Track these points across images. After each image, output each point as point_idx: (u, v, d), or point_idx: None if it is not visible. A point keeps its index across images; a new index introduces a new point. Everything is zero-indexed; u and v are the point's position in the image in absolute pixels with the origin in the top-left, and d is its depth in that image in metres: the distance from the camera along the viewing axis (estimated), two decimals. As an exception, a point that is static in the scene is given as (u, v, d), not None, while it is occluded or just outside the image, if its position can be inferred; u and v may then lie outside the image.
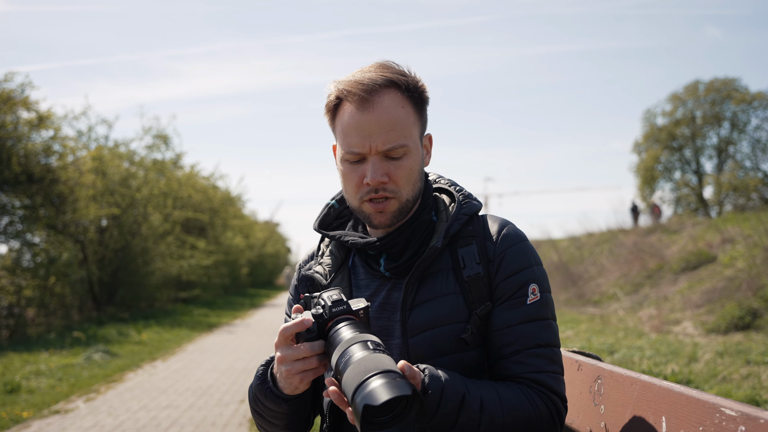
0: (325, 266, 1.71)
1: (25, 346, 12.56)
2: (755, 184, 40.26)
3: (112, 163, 19.86)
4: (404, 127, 1.57)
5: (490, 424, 1.46)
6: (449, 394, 1.41)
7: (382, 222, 1.60)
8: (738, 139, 43.26)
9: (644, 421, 1.48)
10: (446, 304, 1.57)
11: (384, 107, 1.55)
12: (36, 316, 16.11)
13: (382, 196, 1.57)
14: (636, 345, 10.15)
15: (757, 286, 12.25)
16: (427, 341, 1.56)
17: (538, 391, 1.54)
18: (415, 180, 1.61)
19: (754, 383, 6.96)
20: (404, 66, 1.63)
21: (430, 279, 1.60)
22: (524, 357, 1.55)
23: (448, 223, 1.62)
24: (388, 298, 1.62)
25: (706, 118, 43.21)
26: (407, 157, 1.58)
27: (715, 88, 42.71)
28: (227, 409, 7.17)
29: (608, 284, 19.68)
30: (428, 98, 1.66)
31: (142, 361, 11.27)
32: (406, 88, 1.58)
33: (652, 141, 45.03)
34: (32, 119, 15.67)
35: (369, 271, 1.66)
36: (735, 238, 16.97)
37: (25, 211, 15.85)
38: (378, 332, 1.60)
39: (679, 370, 7.78)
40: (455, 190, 1.71)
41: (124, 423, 6.66)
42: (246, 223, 40.18)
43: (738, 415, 1.17)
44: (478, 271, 1.59)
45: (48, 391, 8.29)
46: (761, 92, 41.69)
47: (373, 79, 1.55)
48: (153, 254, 21.85)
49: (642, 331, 12.43)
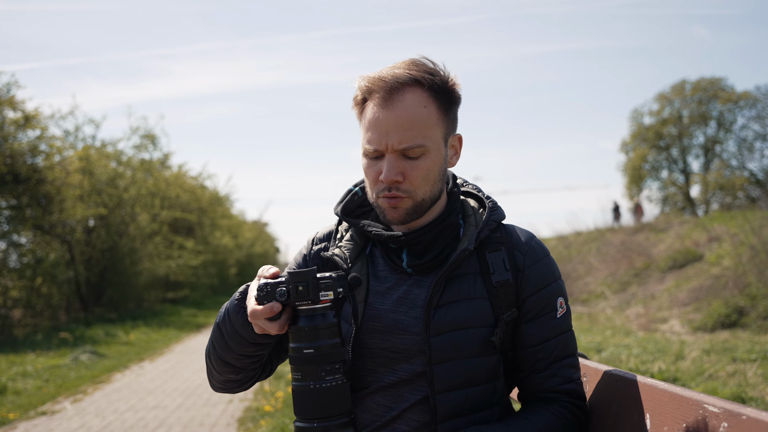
0: (344, 250, 1.70)
1: (11, 347, 12.48)
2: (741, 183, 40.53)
3: (99, 162, 19.75)
4: (424, 127, 1.56)
5: None
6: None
7: (395, 218, 1.60)
8: (724, 138, 43.52)
9: (629, 418, 1.49)
10: (473, 308, 1.59)
11: (405, 106, 1.55)
12: (23, 316, 16.01)
13: (395, 194, 1.58)
14: (623, 343, 10.19)
15: (744, 285, 12.33)
16: (450, 342, 1.57)
17: (567, 403, 1.63)
18: (434, 180, 1.60)
19: (740, 380, 7.00)
20: (439, 63, 1.62)
21: (457, 281, 1.61)
22: (557, 369, 1.63)
23: (479, 227, 1.63)
24: (408, 294, 1.62)
25: (693, 118, 43.46)
26: (425, 157, 1.57)
27: (702, 87, 42.95)
28: (215, 410, 7.15)
29: (596, 283, 19.76)
30: (459, 97, 1.64)
31: (129, 361, 11.22)
32: (432, 87, 1.57)
33: (640, 140, 45.24)
34: (18, 119, 15.57)
35: (388, 263, 1.66)
36: (721, 236, 17.08)
37: (11, 211, 15.75)
38: (392, 326, 1.60)
39: (666, 368, 7.82)
40: (484, 196, 1.73)
41: (112, 424, 6.63)
42: (234, 222, 40.05)
43: (721, 411, 1.18)
44: (507, 277, 1.61)
45: (35, 393, 8.24)
46: (747, 92, 41.95)
47: (396, 76, 1.55)
48: (141, 254, 21.76)
49: (629, 330, 12.49)
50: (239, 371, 1.66)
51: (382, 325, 1.61)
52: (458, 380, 1.57)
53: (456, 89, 1.62)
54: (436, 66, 1.61)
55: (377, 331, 1.61)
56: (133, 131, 22.42)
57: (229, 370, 1.65)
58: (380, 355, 1.61)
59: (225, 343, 1.60)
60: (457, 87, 1.63)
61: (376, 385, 1.61)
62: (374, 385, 1.62)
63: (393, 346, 1.60)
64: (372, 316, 1.62)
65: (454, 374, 1.56)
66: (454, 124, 1.66)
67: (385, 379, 1.61)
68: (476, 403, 1.59)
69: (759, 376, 7.14)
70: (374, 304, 1.63)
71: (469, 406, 1.58)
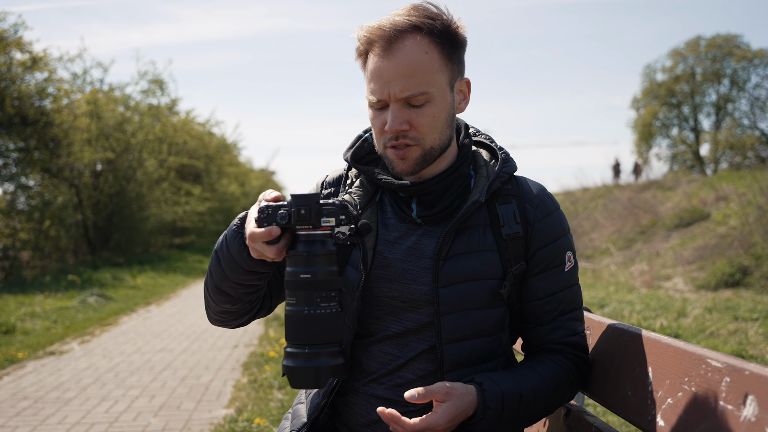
0: (354, 196, 1.67)
1: (20, 288, 12.62)
2: (752, 143, 40.20)
3: (107, 107, 19.68)
4: (426, 74, 1.52)
5: (542, 406, 1.59)
6: (509, 400, 1.51)
7: (404, 169, 1.58)
8: (737, 96, 42.98)
9: (631, 371, 1.50)
10: (482, 260, 1.58)
11: (405, 53, 1.51)
12: (31, 258, 16.15)
13: (403, 143, 1.55)
14: (626, 299, 10.24)
15: (749, 244, 12.32)
16: (458, 293, 1.57)
17: (571, 354, 1.65)
18: (442, 127, 1.57)
19: (741, 339, 7.05)
20: (442, 6, 1.57)
21: (466, 232, 1.60)
22: (562, 322, 1.65)
23: (490, 179, 1.61)
24: (417, 244, 1.61)
25: (706, 75, 42.86)
26: (430, 104, 1.54)
27: (717, 44, 42.26)
28: (220, 354, 7.25)
29: (601, 239, 19.77)
30: (464, 41, 1.60)
31: (136, 305, 11.35)
32: (432, 31, 1.53)
33: (651, 97, 44.72)
34: (26, 60, 15.45)
35: (398, 213, 1.65)
36: (729, 196, 17.00)
37: (19, 153, 15.75)
38: (400, 275, 1.60)
39: (667, 324, 7.86)
40: (497, 147, 1.69)
41: (119, 365, 6.74)
42: (241, 170, 39.98)
43: (723, 366, 1.18)
44: (518, 230, 1.60)
45: (43, 333, 8.36)
46: (762, 49, 41.24)
47: (395, 24, 1.52)
48: (148, 200, 21.82)
49: (633, 286, 12.54)
50: (235, 301, 1.63)
51: (391, 273, 1.61)
52: (465, 331, 1.57)
53: (460, 32, 1.58)
54: (439, 9, 1.56)
55: (386, 280, 1.61)
56: (141, 76, 22.28)
57: (224, 299, 1.63)
58: (388, 304, 1.61)
59: (221, 270, 1.56)
60: (462, 29, 1.58)
61: (382, 334, 1.62)
62: (381, 334, 1.62)
63: (401, 296, 1.60)
64: (381, 265, 1.62)
65: (461, 325, 1.57)
66: (460, 68, 1.61)
67: (392, 327, 1.61)
68: (482, 354, 1.60)
69: (760, 335, 7.18)
70: (384, 252, 1.62)
71: (475, 356, 1.59)
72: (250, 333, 8.52)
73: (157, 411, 5.11)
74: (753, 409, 1.08)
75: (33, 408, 5.21)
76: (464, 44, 1.61)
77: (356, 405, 1.64)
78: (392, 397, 1.60)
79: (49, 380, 6.12)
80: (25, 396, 5.56)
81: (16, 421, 4.88)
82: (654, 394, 1.38)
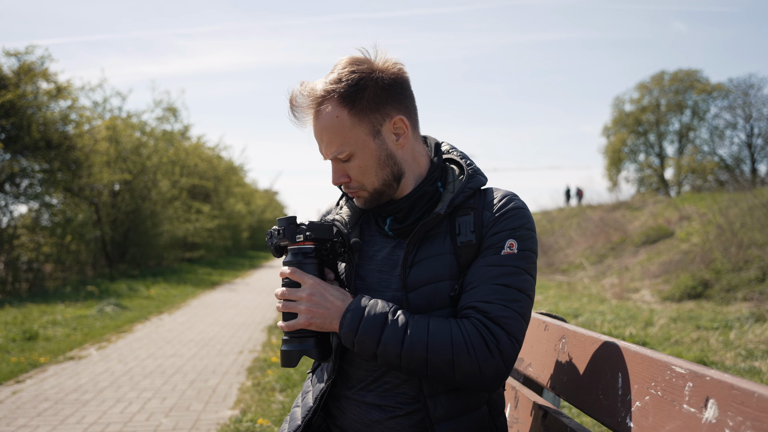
0: (344, 216, 1.74)
1: (42, 298, 12.52)
2: (712, 168, 40.50)
3: (124, 132, 19.64)
4: (340, 135, 1.55)
5: (415, 347, 1.46)
6: (372, 316, 1.49)
7: (363, 205, 1.66)
8: (698, 125, 43.38)
9: (603, 376, 1.49)
10: (442, 263, 1.58)
11: (321, 121, 1.57)
12: (53, 271, 16.05)
13: (349, 190, 1.63)
14: (598, 310, 10.24)
15: (709, 260, 12.36)
16: (423, 296, 1.57)
17: (477, 320, 1.48)
18: (375, 171, 1.59)
19: (703, 346, 7.05)
20: (372, 52, 1.58)
21: (429, 240, 1.60)
22: (479, 289, 1.51)
23: (454, 194, 1.61)
24: (391, 255, 1.65)
25: (670, 106, 43.26)
26: (354, 157, 1.58)
27: (679, 78, 42.70)
28: (227, 359, 7.20)
29: (576, 255, 19.80)
30: (388, 84, 1.56)
31: (150, 314, 11.28)
32: (340, 95, 1.53)
33: (620, 125, 45.07)
34: (51, 90, 15.43)
35: (377, 229, 1.69)
36: (691, 215, 17.08)
37: (43, 174, 15.68)
38: (377, 284, 1.63)
39: (636, 333, 7.86)
40: (465, 163, 1.68)
41: (133, 369, 6.68)
42: (247, 190, 39.96)
43: (687, 372, 1.18)
44: (470, 238, 1.57)
45: (63, 339, 8.29)
46: (720, 83, 41.73)
47: (302, 100, 1.58)
48: (161, 217, 21.73)
49: (604, 298, 12.54)
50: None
51: (369, 283, 1.64)
52: None
53: (367, 87, 1.54)
54: (367, 56, 1.58)
55: (365, 289, 1.64)
56: (156, 104, 22.28)
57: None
58: None
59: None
60: (386, 73, 1.56)
61: None
62: None
63: None
64: (361, 276, 1.66)
65: None
66: (383, 112, 1.57)
67: None
68: None
69: (720, 343, 7.18)
70: (363, 264, 1.67)
71: None
72: (254, 340, 8.48)
73: (168, 412, 5.07)
74: (714, 411, 1.08)
75: (53, 409, 5.16)
76: (389, 87, 1.57)
77: (349, 410, 1.65)
78: (383, 403, 1.60)
79: (68, 383, 6.06)
80: (47, 398, 5.51)
81: (37, 420, 4.83)
82: (624, 398, 1.38)
